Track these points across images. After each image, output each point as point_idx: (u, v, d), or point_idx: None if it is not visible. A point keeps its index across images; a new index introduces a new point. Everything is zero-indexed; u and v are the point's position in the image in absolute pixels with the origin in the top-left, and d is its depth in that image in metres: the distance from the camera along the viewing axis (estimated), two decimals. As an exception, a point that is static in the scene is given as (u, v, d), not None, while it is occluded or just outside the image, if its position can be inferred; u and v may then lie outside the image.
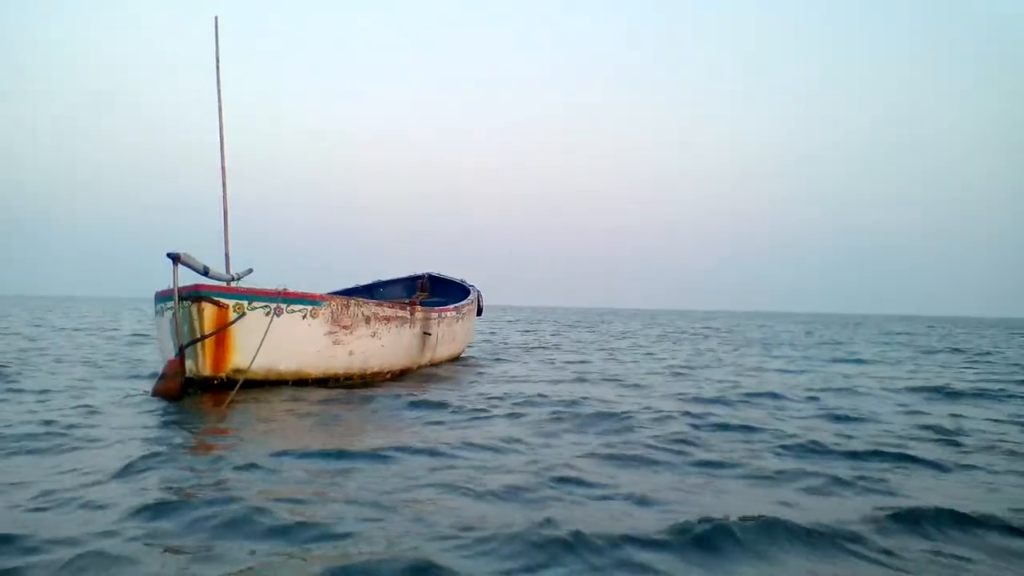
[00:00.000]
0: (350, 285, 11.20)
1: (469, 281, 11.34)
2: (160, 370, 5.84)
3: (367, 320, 6.64)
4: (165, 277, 5.78)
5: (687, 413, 4.94)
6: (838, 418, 5.04)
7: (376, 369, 6.93)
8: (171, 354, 5.77)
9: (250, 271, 6.89)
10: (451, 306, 8.95)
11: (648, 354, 11.89)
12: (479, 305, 10.68)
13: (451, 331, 8.87)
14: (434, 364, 8.44)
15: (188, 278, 5.83)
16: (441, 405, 5.25)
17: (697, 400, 5.84)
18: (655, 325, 30.75)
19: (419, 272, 11.83)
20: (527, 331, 20.19)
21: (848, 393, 6.57)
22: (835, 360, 11.19)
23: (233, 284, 6.35)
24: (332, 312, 6.28)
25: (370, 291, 11.25)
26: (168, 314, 5.99)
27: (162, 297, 6.22)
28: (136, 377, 6.85)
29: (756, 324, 35.72)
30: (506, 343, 14.23)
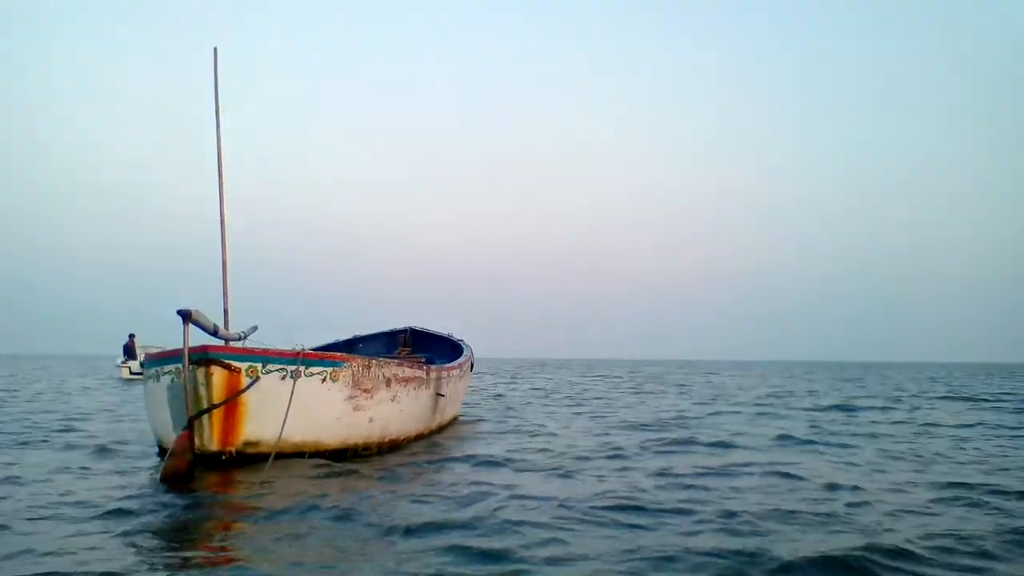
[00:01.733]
0: (329, 340, 10.43)
1: (456, 335, 10.69)
2: (166, 446, 5.04)
3: (387, 383, 5.97)
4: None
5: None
6: None
7: (394, 436, 6.23)
8: (171, 427, 5.02)
9: (255, 328, 6.16)
10: (455, 363, 8.32)
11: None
12: (471, 361, 10.02)
13: (455, 390, 8.22)
14: (442, 428, 7.75)
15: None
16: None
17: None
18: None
19: (400, 326, 11.14)
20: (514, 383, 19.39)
21: None
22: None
23: (239, 344, 5.63)
24: (353, 374, 5.59)
25: (349, 347, 10.47)
26: (166, 379, 5.22)
27: (157, 360, 5.44)
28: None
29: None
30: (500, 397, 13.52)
